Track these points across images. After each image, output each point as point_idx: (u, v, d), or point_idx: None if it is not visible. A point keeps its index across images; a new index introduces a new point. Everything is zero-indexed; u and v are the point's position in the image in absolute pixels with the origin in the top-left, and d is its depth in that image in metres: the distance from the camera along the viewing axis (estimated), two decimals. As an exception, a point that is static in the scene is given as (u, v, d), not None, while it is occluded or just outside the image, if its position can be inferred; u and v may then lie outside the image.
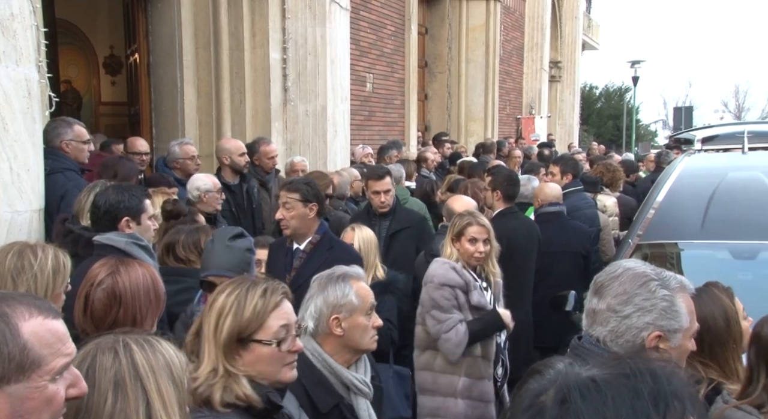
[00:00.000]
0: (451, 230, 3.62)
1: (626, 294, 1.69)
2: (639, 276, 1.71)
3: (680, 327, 1.67)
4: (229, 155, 5.09)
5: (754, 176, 4.45)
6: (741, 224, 3.94)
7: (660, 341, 1.67)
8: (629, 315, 1.68)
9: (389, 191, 4.59)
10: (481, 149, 10.17)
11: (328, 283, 2.33)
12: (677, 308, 1.67)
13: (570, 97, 22.48)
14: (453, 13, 13.23)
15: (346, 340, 2.30)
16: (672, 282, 1.69)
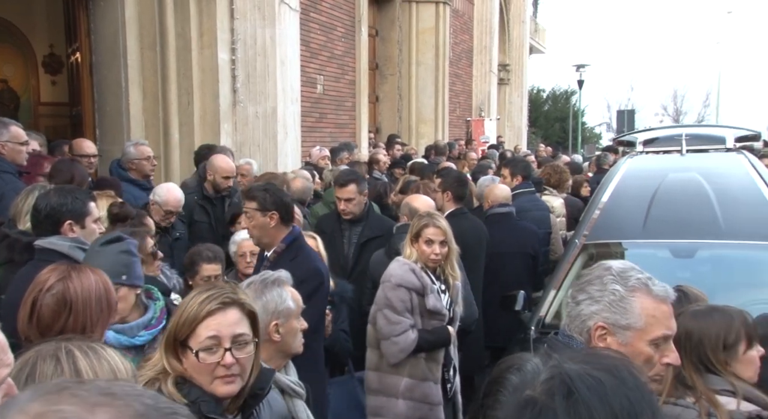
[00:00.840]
0: (410, 231, 3.58)
1: (584, 284, 1.76)
2: (601, 269, 1.76)
3: (629, 325, 1.68)
4: (214, 173, 4.93)
5: (691, 177, 4.61)
6: (680, 223, 4.07)
7: (606, 334, 1.69)
8: (580, 301, 1.74)
9: (351, 199, 4.42)
10: (432, 151, 10.25)
11: (264, 289, 2.29)
12: (627, 305, 1.69)
13: (518, 100, 22.88)
14: (403, 16, 13.31)
15: (281, 345, 2.30)
16: (631, 281, 1.71)
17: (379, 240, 4.36)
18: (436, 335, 3.48)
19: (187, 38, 6.06)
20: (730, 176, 4.74)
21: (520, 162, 6.43)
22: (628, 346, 1.67)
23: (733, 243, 3.87)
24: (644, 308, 1.68)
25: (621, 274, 1.72)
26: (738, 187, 4.51)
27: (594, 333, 1.69)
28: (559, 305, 3.93)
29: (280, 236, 3.29)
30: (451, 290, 3.62)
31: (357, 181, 4.51)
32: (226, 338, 1.77)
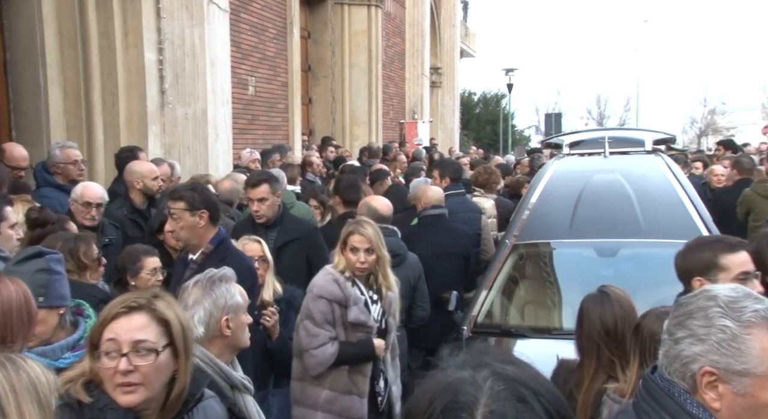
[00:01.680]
0: (341, 237, 3.39)
1: (684, 316, 1.42)
2: (706, 299, 1.42)
3: (747, 370, 1.34)
4: (142, 179, 4.62)
5: (614, 179, 4.80)
6: (604, 223, 4.23)
7: (717, 381, 1.36)
8: (680, 340, 1.40)
9: (264, 199, 4.22)
10: (366, 153, 10.26)
11: (213, 286, 2.30)
12: (742, 345, 1.34)
13: (450, 103, 23.24)
14: (335, 18, 13.29)
15: (231, 340, 2.31)
16: (746, 314, 1.36)
17: (295, 244, 4.20)
18: (359, 348, 3.35)
19: (111, 37, 5.84)
20: (649, 178, 4.95)
21: (450, 164, 6.51)
22: (748, 397, 1.34)
23: (652, 242, 4.05)
24: (766, 348, 1.34)
25: (731, 305, 1.38)
26: (656, 188, 4.72)
27: (701, 380, 1.37)
28: (490, 305, 4.01)
29: (209, 236, 3.23)
30: (383, 300, 3.42)
31: (270, 181, 4.30)
32: (124, 343, 1.71)
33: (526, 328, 3.85)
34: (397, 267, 3.74)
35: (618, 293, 2.49)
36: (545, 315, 4.07)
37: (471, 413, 0.89)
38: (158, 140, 6.12)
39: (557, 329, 3.80)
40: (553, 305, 4.12)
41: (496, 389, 0.90)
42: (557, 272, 4.30)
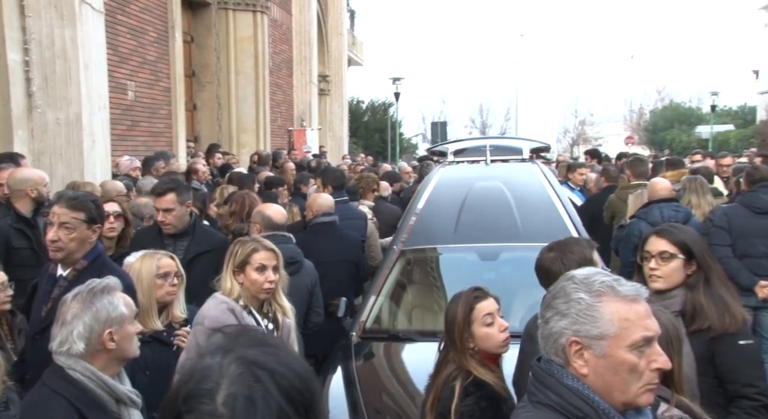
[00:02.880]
0: (231, 260, 3.04)
1: (551, 299, 1.58)
2: (565, 280, 1.59)
3: (602, 334, 1.48)
4: (35, 186, 4.25)
5: (495, 185, 5.03)
6: (486, 228, 4.42)
7: (581, 349, 1.51)
8: (549, 319, 1.55)
9: (171, 209, 4.04)
10: (256, 160, 10.09)
11: (93, 299, 2.21)
12: (595, 312, 1.50)
13: (339, 111, 23.34)
14: (220, 23, 12.98)
15: (117, 352, 2.24)
16: (596, 285, 1.53)
17: (208, 255, 4.00)
18: None
19: (-31, 35, 5.39)
20: (526, 184, 5.23)
21: (332, 172, 6.53)
22: (607, 357, 1.49)
23: (530, 246, 4.25)
24: (614, 312, 1.49)
25: (584, 280, 1.54)
26: (532, 194, 5.00)
27: (569, 351, 1.51)
28: (379, 310, 4.07)
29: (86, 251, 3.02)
30: (280, 330, 3.09)
31: (177, 189, 4.12)
32: None
33: (413, 332, 3.93)
34: (294, 275, 3.67)
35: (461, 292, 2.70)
36: (432, 319, 4.18)
37: (212, 398, 0.93)
38: (26, 146, 5.70)
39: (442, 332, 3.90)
40: (439, 309, 4.23)
41: (235, 372, 0.95)
42: (443, 276, 4.44)
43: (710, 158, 10.43)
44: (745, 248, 5.12)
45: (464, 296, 2.64)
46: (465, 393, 2.45)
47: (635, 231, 4.97)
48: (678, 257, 2.63)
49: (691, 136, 34.94)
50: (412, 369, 3.46)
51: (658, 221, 4.88)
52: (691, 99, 46.87)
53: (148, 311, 3.12)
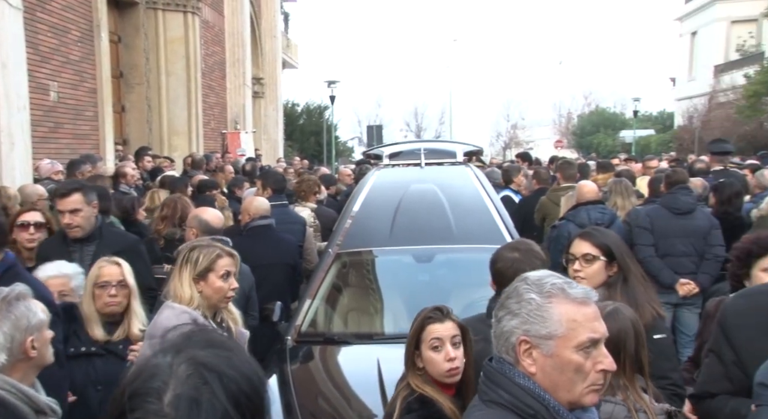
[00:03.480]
0: (189, 266, 2.82)
1: (504, 299, 1.61)
2: (518, 281, 1.62)
3: (550, 334, 1.52)
4: None
5: (429, 188, 5.07)
6: (420, 231, 4.45)
7: (530, 348, 1.54)
8: (501, 318, 1.58)
9: (77, 210, 3.81)
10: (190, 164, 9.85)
11: (9, 307, 2.13)
12: (544, 312, 1.53)
13: (274, 113, 23.10)
14: (148, 23, 12.62)
15: (37, 360, 2.18)
16: (546, 287, 1.56)
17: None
18: None
19: None
20: (460, 187, 5.30)
21: (273, 175, 6.45)
22: (554, 357, 1.52)
23: (463, 247, 4.33)
24: (562, 313, 1.53)
25: (536, 282, 1.58)
26: (466, 197, 5.07)
27: (518, 349, 1.54)
28: (314, 314, 4.04)
29: None
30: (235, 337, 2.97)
31: (83, 190, 3.90)
32: None
33: (349, 335, 3.92)
34: None
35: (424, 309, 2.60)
36: (368, 321, 4.19)
37: (159, 398, 0.93)
38: (-63, 149, 5.38)
39: (379, 334, 3.92)
40: (375, 312, 4.25)
41: (184, 374, 0.95)
42: (378, 279, 4.45)
43: (635, 162, 10.88)
44: (666, 248, 5.36)
45: (421, 314, 2.51)
46: (407, 409, 2.37)
47: (564, 233, 5.13)
48: (600, 259, 2.74)
49: (616, 140, 36.33)
50: (348, 371, 3.45)
51: (586, 222, 5.05)
52: (615, 105, 48.79)
53: (90, 321, 3.06)
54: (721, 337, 2.22)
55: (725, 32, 33.12)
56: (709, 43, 34.20)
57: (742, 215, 5.77)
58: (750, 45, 28.20)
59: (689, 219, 5.38)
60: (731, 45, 30.58)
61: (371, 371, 3.13)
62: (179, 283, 2.82)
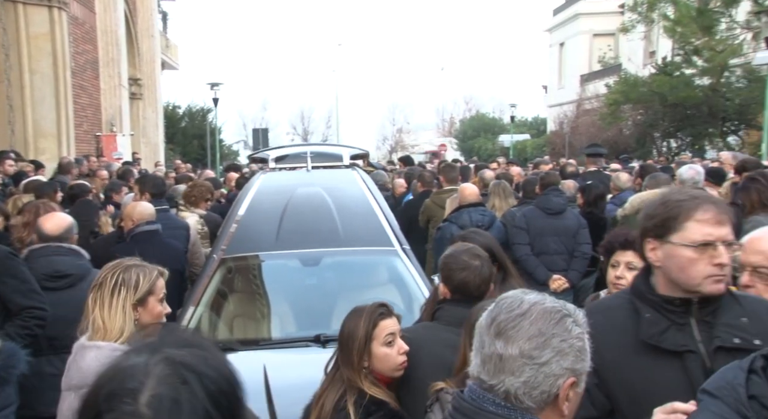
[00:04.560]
0: (127, 290, 2.43)
1: (543, 336, 1.36)
2: (551, 312, 1.41)
3: (585, 369, 1.41)
4: None
5: (316, 192, 5.06)
6: (307, 234, 4.44)
7: (575, 386, 1.39)
8: (548, 361, 1.35)
9: None
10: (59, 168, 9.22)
11: None
12: (587, 347, 1.41)
13: (153, 116, 22.15)
14: (8, 18, 11.67)
15: None
16: (581, 316, 1.43)
17: None
18: None
19: None
20: (346, 190, 5.34)
21: (151, 179, 6.20)
22: (579, 395, 1.43)
23: (350, 250, 4.37)
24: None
25: (570, 311, 1.44)
26: (352, 199, 5.12)
27: (564, 392, 1.37)
28: (198, 321, 3.91)
29: None
30: None
31: None
32: None
33: (234, 341, 3.84)
34: (69, 288, 3.48)
35: (364, 307, 2.53)
36: (254, 327, 4.12)
37: (135, 398, 0.91)
38: None
39: (265, 339, 3.87)
40: (261, 317, 4.18)
41: (162, 373, 0.94)
42: (265, 283, 4.39)
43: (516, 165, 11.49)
44: (540, 247, 5.69)
45: (368, 311, 2.45)
46: (366, 412, 2.31)
47: (447, 234, 5.30)
48: None
49: (495, 144, 38.07)
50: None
51: (468, 224, 5.26)
52: (494, 110, 51.10)
53: None
54: None
55: (588, 44, 35.75)
56: (575, 54, 36.77)
57: (605, 216, 6.22)
58: (609, 57, 30.56)
59: (560, 219, 5.73)
60: (594, 56, 33.02)
61: (257, 377, 3.08)
62: (107, 313, 2.38)
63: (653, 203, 1.97)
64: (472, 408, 1.38)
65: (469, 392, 1.42)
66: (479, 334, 1.44)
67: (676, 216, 1.86)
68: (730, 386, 1.49)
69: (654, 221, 1.91)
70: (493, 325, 1.41)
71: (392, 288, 4.28)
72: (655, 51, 27.55)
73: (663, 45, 25.55)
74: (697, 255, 1.82)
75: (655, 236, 1.90)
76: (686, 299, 1.86)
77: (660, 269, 1.91)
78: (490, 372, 1.38)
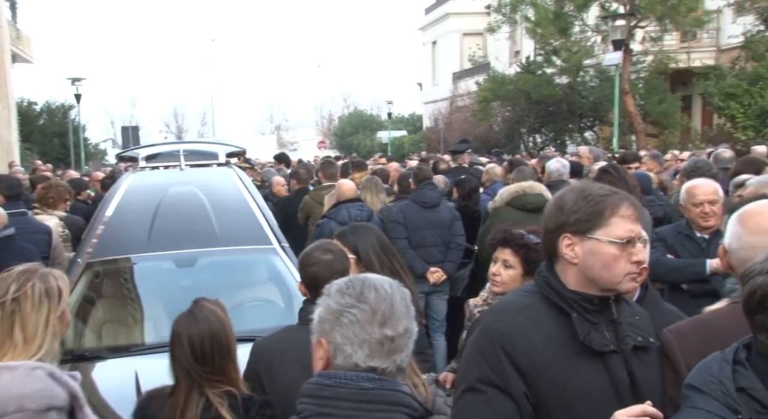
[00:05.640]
0: (48, 300, 2.17)
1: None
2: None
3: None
4: None
5: (190, 190, 4.91)
6: (182, 234, 4.30)
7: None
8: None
9: None
10: None
11: None
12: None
13: (5, 113, 20.41)
14: None
15: None
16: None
17: None
18: None
19: None
20: (223, 189, 5.22)
21: (5, 180, 5.73)
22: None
23: (228, 249, 4.28)
24: None
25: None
26: (229, 198, 5.01)
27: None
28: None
29: None
30: None
31: None
32: None
33: (103, 349, 3.65)
34: None
35: (208, 310, 2.40)
36: (125, 333, 3.93)
37: None
38: None
39: (137, 345, 3.70)
40: (133, 322, 4.00)
41: None
42: (137, 287, 4.20)
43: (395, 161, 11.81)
44: (417, 240, 5.87)
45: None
46: (243, 409, 2.27)
47: (326, 230, 5.33)
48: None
49: (374, 141, 38.63)
50: (102, 388, 3.16)
51: (346, 219, 5.32)
52: (371, 107, 51.81)
53: None
54: (505, 368, 1.73)
55: (459, 43, 37.15)
56: (447, 52, 38.08)
57: (479, 209, 6.53)
58: (479, 56, 31.98)
59: (436, 212, 5.94)
60: (465, 55, 34.41)
61: (128, 384, 2.95)
62: (19, 328, 2.12)
63: (567, 197, 1.85)
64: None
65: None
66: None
67: (601, 211, 1.78)
68: (716, 379, 1.46)
69: (577, 215, 1.80)
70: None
71: (272, 287, 4.25)
72: (519, 51, 29.17)
73: (526, 45, 27.12)
74: (620, 252, 1.76)
75: (575, 232, 1.80)
76: (603, 298, 1.79)
77: (576, 267, 1.80)
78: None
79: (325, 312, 1.51)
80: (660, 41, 20.15)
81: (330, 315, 1.50)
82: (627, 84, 18.23)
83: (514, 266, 2.78)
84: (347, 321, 1.47)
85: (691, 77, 19.59)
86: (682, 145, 17.18)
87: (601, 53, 20.12)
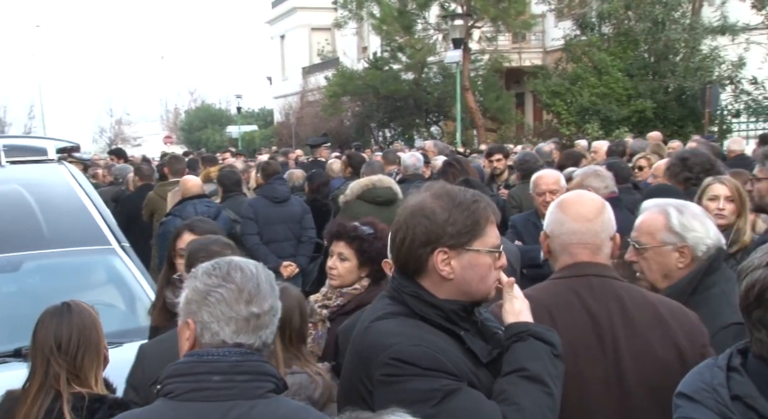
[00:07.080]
0: None
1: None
2: None
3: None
4: None
5: (13, 189, 4.52)
6: (3, 237, 3.94)
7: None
8: None
9: None
10: None
11: None
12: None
13: None
14: None
15: None
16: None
17: None
18: None
19: None
20: (53, 187, 4.87)
21: None
22: None
23: (58, 251, 3.99)
24: None
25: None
26: (60, 196, 4.68)
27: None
28: None
29: None
30: None
31: None
32: None
33: None
34: None
35: (84, 308, 2.39)
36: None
37: None
38: None
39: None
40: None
41: None
42: None
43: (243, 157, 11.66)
44: (269, 235, 5.82)
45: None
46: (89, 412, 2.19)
47: (171, 228, 5.12)
48: None
49: (224, 135, 37.56)
50: None
51: (193, 216, 5.15)
52: (220, 101, 50.16)
53: None
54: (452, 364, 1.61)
55: (308, 38, 37.17)
56: (295, 46, 37.96)
57: (328, 202, 6.60)
58: (328, 51, 32.20)
59: (286, 206, 5.93)
60: (314, 49, 34.46)
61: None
62: None
63: (434, 206, 1.65)
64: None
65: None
66: None
67: (478, 220, 1.64)
68: (709, 387, 1.35)
69: (456, 227, 1.62)
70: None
71: (111, 289, 4.05)
72: (367, 46, 29.78)
73: (373, 41, 27.76)
74: (492, 261, 1.67)
75: (454, 246, 1.63)
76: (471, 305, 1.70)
77: (451, 282, 1.64)
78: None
79: (192, 294, 1.55)
80: (494, 41, 21.55)
81: (197, 295, 1.53)
82: (467, 81, 19.30)
83: (349, 259, 2.76)
84: (214, 299, 1.51)
85: (522, 76, 21.15)
86: (516, 139, 18.49)
87: (443, 51, 21.09)
